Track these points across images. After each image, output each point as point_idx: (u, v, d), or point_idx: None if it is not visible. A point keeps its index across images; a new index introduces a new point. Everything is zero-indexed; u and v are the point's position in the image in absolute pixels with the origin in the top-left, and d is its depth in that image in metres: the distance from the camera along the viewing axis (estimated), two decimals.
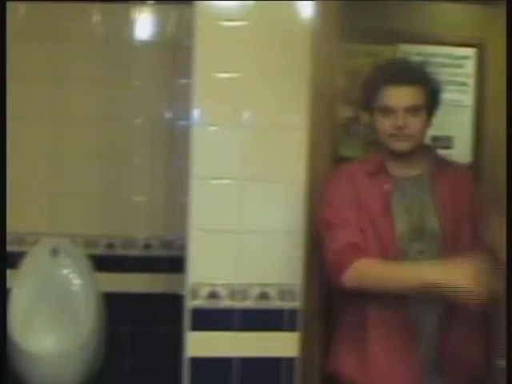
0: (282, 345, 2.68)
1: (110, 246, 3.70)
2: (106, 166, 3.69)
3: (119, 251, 3.70)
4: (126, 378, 3.70)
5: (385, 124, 2.36)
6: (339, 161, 2.80)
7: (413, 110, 2.34)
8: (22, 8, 3.59)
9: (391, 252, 2.33)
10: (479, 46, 4.79)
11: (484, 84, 4.78)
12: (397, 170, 2.43)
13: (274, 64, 2.65)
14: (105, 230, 3.69)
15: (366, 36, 4.52)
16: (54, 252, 3.60)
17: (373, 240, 2.34)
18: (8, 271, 3.36)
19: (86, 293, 3.54)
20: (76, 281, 3.60)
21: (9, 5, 3.39)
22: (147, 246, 3.72)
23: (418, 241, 2.37)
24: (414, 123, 2.35)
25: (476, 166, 4.80)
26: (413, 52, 4.58)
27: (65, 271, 3.62)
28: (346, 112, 4.33)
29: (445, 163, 2.53)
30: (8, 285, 3.37)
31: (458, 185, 2.46)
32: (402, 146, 2.37)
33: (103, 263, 3.64)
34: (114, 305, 3.62)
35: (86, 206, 3.69)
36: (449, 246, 2.36)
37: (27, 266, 3.54)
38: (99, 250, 3.69)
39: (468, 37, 4.83)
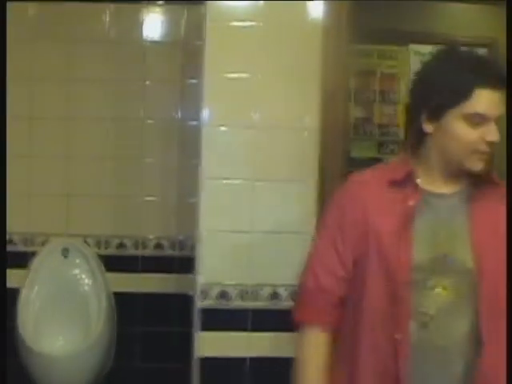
0: (294, 345, 2.67)
1: (121, 245, 3.70)
2: (117, 166, 3.68)
3: (130, 251, 3.70)
4: (136, 378, 3.70)
5: (471, 136, 1.83)
6: (350, 161, 2.77)
7: (498, 122, 1.86)
8: (33, 8, 3.59)
9: (399, 282, 1.86)
10: (490, 46, 4.79)
11: None
12: (430, 183, 1.93)
13: (285, 64, 2.64)
14: (116, 230, 3.69)
15: (376, 36, 4.53)
16: (65, 252, 3.61)
17: (378, 265, 1.90)
18: (19, 271, 3.40)
19: (96, 293, 3.54)
20: (87, 281, 3.61)
21: (20, 5, 3.44)
22: (158, 246, 3.72)
23: (439, 274, 1.86)
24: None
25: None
26: (424, 52, 4.57)
27: (76, 271, 3.62)
28: (357, 112, 4.32)
29: (494, 183, 1.96)
30: (19, 285, 3.40)
31: (501, 213, 1.89)
32: (482, 166, 1.88)
33: (114, 263, 3.64)
34: (124, 305, 3.62)
35: (97, 205, 3.68)
36: (488, 289, 1.86)
37: (38, 266, 3.54)
38: (110, 250, 3.69)
39: (479, 37, 4.84)
